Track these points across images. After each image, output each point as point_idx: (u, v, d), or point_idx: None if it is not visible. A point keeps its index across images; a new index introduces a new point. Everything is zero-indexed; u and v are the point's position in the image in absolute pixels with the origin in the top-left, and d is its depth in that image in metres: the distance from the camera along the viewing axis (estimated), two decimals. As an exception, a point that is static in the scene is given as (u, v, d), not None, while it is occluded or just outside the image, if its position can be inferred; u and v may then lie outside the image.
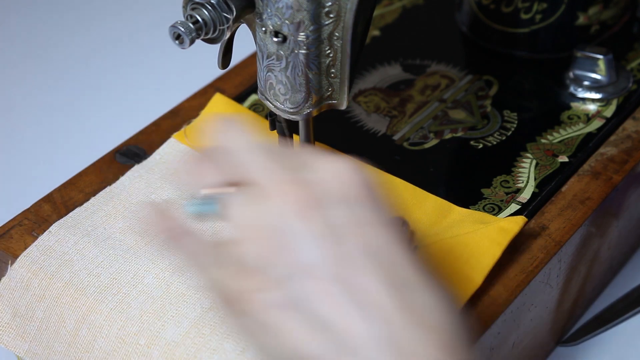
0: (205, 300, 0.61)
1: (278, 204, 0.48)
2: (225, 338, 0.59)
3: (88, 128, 0.95)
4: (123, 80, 1.01)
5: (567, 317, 0.74)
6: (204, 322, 0.60)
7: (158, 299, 0.62)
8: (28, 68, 1.04)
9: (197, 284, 0.62)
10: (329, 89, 0.63)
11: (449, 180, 0.72)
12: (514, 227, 0.65)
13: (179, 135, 0.74)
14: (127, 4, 1.13)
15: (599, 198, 0.69)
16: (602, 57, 0.77)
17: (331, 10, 0.59)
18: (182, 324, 0.60)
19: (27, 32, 1.09)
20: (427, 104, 0.77)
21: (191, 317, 0.60)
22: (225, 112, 0.75)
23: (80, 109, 0.98)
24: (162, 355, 0.59)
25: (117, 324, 0.61)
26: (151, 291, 0.62)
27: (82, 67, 1.03)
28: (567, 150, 0.73)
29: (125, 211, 0.68)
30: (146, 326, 0.60)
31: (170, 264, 0.64)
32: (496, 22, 0.82)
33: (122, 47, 1.06)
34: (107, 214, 0.68)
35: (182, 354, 0.59)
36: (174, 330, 0.60)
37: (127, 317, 0.61)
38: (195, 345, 0.59)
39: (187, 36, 0.60)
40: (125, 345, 0.60)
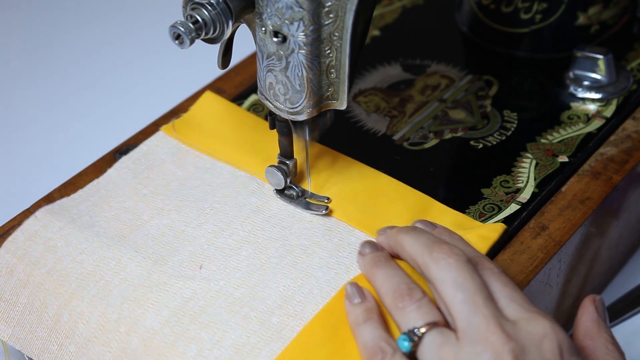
0: (186, 290, 0.62)
1: (477, 351, 0.53)
2: (203, 328, 0.60)
3: (88, 128, 0.95)
4: (123, 80, 1.01)
5: (567, 317, 0.74)
6: (184, 311, 0.61)
7: (139, 287, 0.62)
8: (28, 67, 1.04)
9: (178, 274, 0.63)
10: (329, 89, 0.63)
11: (449, 180, 0.72)
12: (493, 235, 0.65)
13: (167, 128, 0.74)
14: (127, 4, 1.13)
15: (599, 198, 0.69)
16: (602, 57, 0.77)
17: (331, 10, 0.59)
18: (162, 313, 0.61)
19: (27, 32, 1.09)
20: (427, 104, 0.77)
21: (171, 306, 0.61)
22: (215, 109, 0.75)
23: (80, 108, 0.98)
24: (141, 342, 0.60)
25: (98, 311, 0.61)
26: (133, 279, 0.63)
27: (81, 67, 1.03)
28: (567, 150, 0.73)
29: (112, 201, 0.69)
30: (126, 314, 0.61)
31: (154, 252, 0.65)
32: (496, 22, 0.82)
33: (122, 47, 1.06)
34: (94, 203, 0.68)
35: (161, 342, 0.59)
36: (153, 318, 0.60)
37: (108, 304, 0.61)
38: (173, 334, 0.59)
39: (187, 36, 0.60)
40: (105, 332, 0.61)
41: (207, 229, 0.66)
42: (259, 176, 0.70)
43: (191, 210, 0.67)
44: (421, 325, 0.55)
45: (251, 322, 0.60)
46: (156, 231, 0.66)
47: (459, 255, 0.57)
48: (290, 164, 0.67)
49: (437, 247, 0.58)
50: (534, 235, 0.67)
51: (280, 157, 0.68)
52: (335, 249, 0.65)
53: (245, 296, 0.61)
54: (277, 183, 0.67)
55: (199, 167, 0.71)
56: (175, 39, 0.61)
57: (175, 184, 0.70)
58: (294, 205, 0.68)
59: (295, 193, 0.68)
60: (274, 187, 0.68)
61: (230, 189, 0.69)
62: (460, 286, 0.55)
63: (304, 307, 0.61)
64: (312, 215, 0.67)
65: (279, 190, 0.68)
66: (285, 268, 0.63)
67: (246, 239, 0.66)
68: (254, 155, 0.71)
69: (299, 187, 0.68)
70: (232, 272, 0.63)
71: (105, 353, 0.60)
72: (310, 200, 0.68)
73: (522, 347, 0.53)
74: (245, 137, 0.73)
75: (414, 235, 0.60)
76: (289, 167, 0.67)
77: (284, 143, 0.67)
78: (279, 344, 0.58)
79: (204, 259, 0.64)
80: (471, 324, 0.54)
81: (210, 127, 0.74)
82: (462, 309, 0.55)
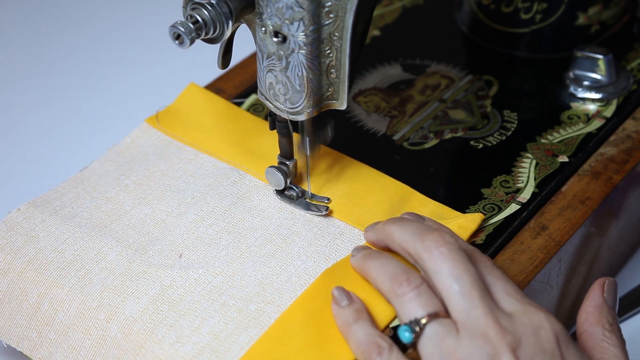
0: (166, 278, 0.62)
1: (477, 345, 0.54)
2: (182, 315, 0.60)
3: (87, 128, 0.95)
4: (123, 80, 1.01)
5: (567, 317, 0.74)
6: (163, 299, 0.61)
7: (119, 275, 0.63)
8: (28, 68, 1.04)
9: (158, 262, 0.64)
10: (329, 89, 0.63)
11: (449, 180, 0.72)
12: (472, 225, 0.65)
13: (151, 119, 0.75)
14: (127, 4, 1.12)
15: (599, 198, 0.69)
16: (602, 57, 0.77)
17: (331, 10, 0.59)
18: (142, 300, 0.61)
19: (27, 32, 1.09)
20: (427, 104, 0.77)
21: (150, 293, 0.62)
22: (198, 100, 0.76)
23: (79, 108, 0.98)
24: (120, 330, 0.60)
25: (78, 299, 0.62)
26: (113, 268, 0.63)
27: (81, 67, 1.03)
28: (567, 150, 0.73)
29: (94, 192, 0.69)
30: (106, 301, 0.62)
31: (134, 242, 0.65)
32: (496, 22, 0.82)
33: (122, 47, 1.06)
34: (77, 195, 0.69)
35: (140, 329, 0.60)
36: (133, 306, 0.61)
37: (88, 293, 0.62)
38: (152, 321, 0.60)
39: (187, 36, 0.60)
40: (85, 320, 0.61)
41: (187, 218, 0.67)
42: (241, 167, 0.70)
43: (172, 200, 0.68)
44: (422, 316, 0.55)
45: (229, 310, 0.60)
46: (137, 220, 0.67)
47: (452, 244, 0.57)
48: (290, 165, 0.67)
49: (428, 236, 0.58)
50: (534, 235, 0.67)
51: (280, 158, 0.68)
52: (314, 238, 0.65)
53: (224, 284, 0.62)
54: (277, 184, 0.67)
55: (182, 158, 0.72)
56: (176, 39, 0.61)
57: (158, 175, 0.70)
58: (294, 206, 0.68)
59: (295, 194, 0.68)
60: (274, 188, 0.68)
61: (212, 179, 0.70)
62: (456, 278, 0.56)
63: (281, 294, 0.61)
64: (293, 206, 0.68)
65: (279, 190, 0.68)
66: (264, 257, 0.64)
67: (226, 229, 0.66)
68: (237, 147, 0.72)
69: (299, 187, 0.68)
70: (211, 261, 0.64)
71: (85, 340, 0.61)
72: (310, 201, 0.68)
73: (518, 340, 0.54)
74: (228, 129, 0.74)
75: (403, 224, 0.60)
76: (289, 167, 0.67)
77: (284, 144, 0.67)
78: (257, 330, 0.59)
79: (184, 248, 0.65)
80: (469, 318, 0.55)
81: (193, 118, 0.75)
82: (459, 302, 0.55)
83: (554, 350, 0.54)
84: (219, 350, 0.58)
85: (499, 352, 0.53)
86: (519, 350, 0.54)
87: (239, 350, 0.58)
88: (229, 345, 0.58)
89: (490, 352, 0.54)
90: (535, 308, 0.56)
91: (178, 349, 0.58)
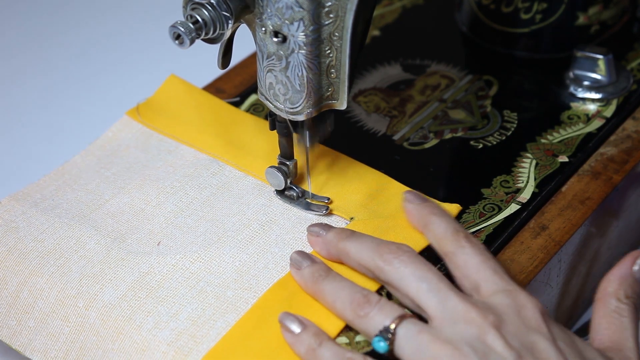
0: (143, 265, 0.63)
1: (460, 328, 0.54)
2: (160, 301, 0.61)
3: (87, 127, 0.95)
4: (123, 80, 1.01)
5: (567, 317, 0.74)
6: (141, 285, 0.62)
7: (98, 263, 0.64)
8: (29, 67, 1.04)
9: (136, 250, 0.64)
10: (329, 89, 0.63)
11: (449, 180, 0.72)
12: (452, 212, 0.66)
13: (132, 112, 0.75)
14: (127, 3, 1.12)
15: (599, 198, 0.69)
16: (602, 57, 0.77)
17: (331, 10, 0.59)
18: (120, 287, 0.62)
19: (27, 32, 1.09)
20: (427, 104, 0.77)
21: (129, 280, 0.62)
22: (179, 92, 0.76)
23: (79, 108, 0.98)
24: (99, 316, 0.61)
25: (57, 287, 0.63)
26: (92, 256, 0.64)
27: (81, 66, 1.03)
28: (567, 150, 0.73)
29: (75, 185, 0.70)
30: (85, 289, 0.62)
31: (113, 230, 0.66)
32: (496, 22, 0.82)
33: (122, 47, 1.06)
34: (57, 187, 0.70)
35: (118, 315, 0.61)
36: (111, 293, 0.62)
37: (67, 281, 0.63)
38: (130, 308, 0.61)
39: (187, 36, 0.60)
40: (64, 307, 0.62)
41: (167, 208, 0.68)
42: (221, 158, 0.71)
43: (151, 189, 0.69)
44: (390, 322, 0.55)
45: (207, 296, 0.61)
46: (116, 209, 0.68)
47: (409, 252, 0.58)
48: (290, 165, 0.67)
49: (385, 249, 0.58)
50: (534, 235, 0.67)
51: (281, 158, 0.68)
52: (292, 227, 0.66)
53: (201, 270, 0.63)
54: (277, 184, 0.67)
55: (162, 149, 0.72)
56: (176, 39, 0.61)
57: (138, 166, 0.71)
58: (294, 206, 0.68)
59: (295, 194, 0.68)
60: (275, 188, 0.68)
61: (192, 169, 0.70)
62: (421, 277, 0.56)
63: (258, 281, 0.62)
64: (271, 193, 0.68)
65: (279, 191, 0.68)
66: (241, 242, 0.64)
67: (204, 217, 0.67)
68: (217, 138, 0.72)
69: (299, 187, 0.68)
70: (189, 247, 0.64)
71: (64, 327, 0.62)
72: (310, 201, 0.68)
73: (500, 318, 0.54)
74: (208, 120, 0.74)
75: (357, 241, 0.60)
76: (289, 168, 0.67)
77: (284, 144, 0.67)
78: (234, 315, 0.60)
79: (162, 237, 0.66)
80: (446, 309, 0.55)
81: (173, 110, 0.75)
82: (431, 297, 0.55)
83: (540, 325, 0.55)
84: (196, 336, 0.59)
85: (484, 332, 0.53)
86: (503, 328, 0.54)
87: (216, 335, 0.59)
88: (207, 331, 0.59)
89: (474, 333, 0.53)
90: (518, 290, 0.56)
91: (156, 334, 0.59)
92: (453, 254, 0.59)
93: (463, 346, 0.53)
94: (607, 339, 0.57)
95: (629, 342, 0.56)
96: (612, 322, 0.57)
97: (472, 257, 0.58)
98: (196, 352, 0.58)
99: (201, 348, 0.58)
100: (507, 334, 0.53)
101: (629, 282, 0.59)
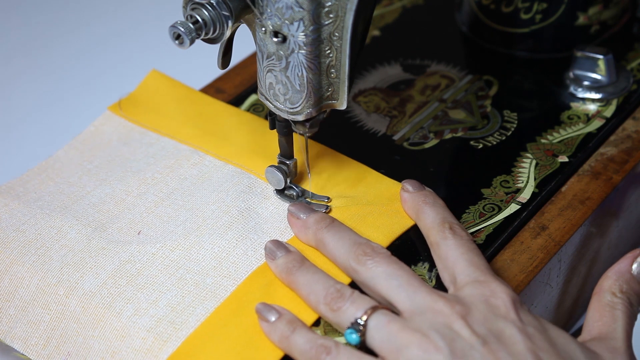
0: (124, 254, 0.64)
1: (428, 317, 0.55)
2: (140, 289, 0.62)
3: (85, 126, 0.95)
4: (123, 80, 1.01)
5: (567, 317, 0.74)
6: (121, 273, 0.63)
7: (78, 252, 0.64)
8: (28, 67, 1.04)
9: (117, 239, 0.65)
10: (329, 89, 0.63)
11: (449, 180, 0.72)
12: None
13: (114, 107, 0.76)
14: (127, 3, 1.13)
15: (599, 198, 0.69)
16: (602, 57, 0.77)
17: (331, 10, 0.59)
18: (100, 276, 0.63)
19: (27, 32, 1.09)
20: (427, 104, 0.77)
21: (109, 269, 0.63)
22: (160, 87, 0.77)
23: (79, 108, 0.98)
24: (79, 304, 0.62)
25: (38, 276, 0.63)
26: (73, 245, 0.65)
27: (80, 66, 1.03)
28: (567, 150, 0.73)
29: (57, 178, 0.70)
30: (65, 277, 0.63)
31: (94, 220, 0.66)
32: (496, 22, 0.82)
33: (122, 47, 1.06)
34: (40, 181, 0.70)
35: (99, 303, 0.61)
36: (91, 281, 0.62)
37: (47, 269, 0.63)
38: (111, 295, 0.62)
39: (187, 36, 0.60)
40: (45, 295, 0.63)
41: (147, 198, 0.68)
42: (201, 149, 0.71)
43: (133, 180, 0.69)
44: (362, 313, 0.56)
45: (186, 283, 0.62)
46: (97, 200, 0.68)
47: (383, 253, 0.59)
48: (290, 164, 0.67)
49: (360, 251, 0.59)
50: (534, 235, 0.67)
51: (280, 158, 0.68)
52: (270, 216, 0.66)
53: (181, 258, 0.63)
54: (277, 183, 0.67)
55: (144, 142, 0.73)
56: (176, 39, 0.61)
57: (120, 159, 0.72)
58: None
59: (295, 193, 0.68)
60: (274, 187, 0.68)
61: (173, 160, 0.71)
62: (392, 275, 0.58)
63: (237, 267, 0.63)
64: (250, 181, 0.69)
65: (279, 190, 0.68)
66: (220, 229, 0.65)
67: (184, 207, 0.67)
68: (197, 129, 0.73)
69: (299, 187, 0.68)
70: (169, 235, 0.65)
71: (44, 315, 0.62)
72: (310, 200, 0.68)
73: (467, 308, 0.55)
74: (189, 113, 0.75)
75: (336, 235, 0.61)
76: (289, 167, 0.67)
77: (283, 143, 0.67)
78: (213, 302, 0.61)
79: (142, 226, 0.66)
80: (414, 302, 0.56)
81: (155, 104, 0.76)
82: (400, 292, 0.57)
83: (508, 312, 0.56)
84: (175, 322, 0.60)
85: (451, 321, 0.55)
86: (470, 317, 0.55)
87: (195, 322, 0.60)
88: (186, 317, 0.60)
89: (442, 322, 0.55)
90: (492, 280, 0.57)
91: (136, 321, 0.60)
92: (437, 245, 0.61)
93: (431, 333, 0.54)
94: (596, 331, 0.58)
95: (617, 332, 0.57)
96: (604, 315, 0.58)
97: (453, 249, 0.59)
98: (175, 338, 0.59)
99: (180, 334, 0.59)
100: (474, 322, 0.55)
101: (625, 278, 0.60)
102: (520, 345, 0.54)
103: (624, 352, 0.56)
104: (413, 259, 0.63)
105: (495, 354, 0.53)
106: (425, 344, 0.54)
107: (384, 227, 0.65)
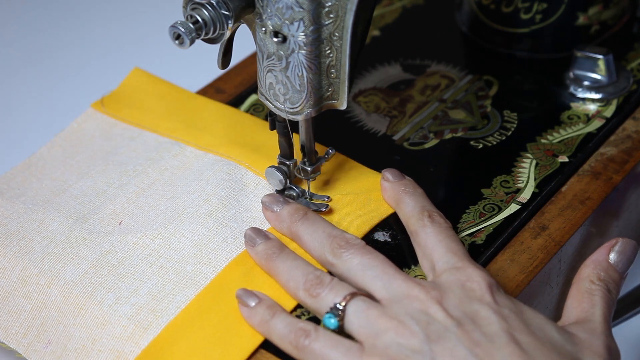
0: (105, 244, 0.64)
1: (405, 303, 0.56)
2: (121, 278, 0.62)
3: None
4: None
5: (567, 317, 0.74)
6: (102, 263, 0.63)
7: (60, 243, 0.65)
8: (28, 68, 1.04)
9: (99, 230, 0.65)
10: (329, 89, 0.63)
11: (449, 180, 0.72)
12: None
13: (97, 104, 0.77)
14: (127, 3, 1.13)
15: (599, 198, 0.69)
16: (602, 57, 0.77)
17: (331, 10, 0.59)
18: (82, 266, 0.63)
19: (27, 33, 1.09)
20: (427, 104, 0.77)
21: (90, 259, 0.64)
22: (142, 83, 0.78)
23: (79, 108, 0.98)
24: (61, 294, 0.62)
25: (20, 266, 0.64)
26: (54, 236, 0.65)
27: (80, 66, 1.03)
28: (567, 150, 0.73)
29: (40, 174, 0.71)
30: (47, 267, 0.63)
31: (75, 211, 0.67)
32: (496, 22, 0.82)
33: (122, 47, 1.06)
34: (24, 178, 0.71)
35: (80, 292, 0.62)
36: (73, 271, 0.63)
37: (29, 260, 0.64)
38: (92, 284, 0.62)
39: (187, 36, 0.60)
40: (26, 285, 0.63)
41: (129, 189, 0.69)
42: (183, 140, 0.72)
43: (114, 172, 0.70)
44: (341, 299, 0.57)
45: (167, 272, 0.62)
46: (79, 192, 0.69)
47: (357, 244, 0.60)
48: (290, 165, 0.67)
49: (335, 243, 0.60)
50: (534, 235, 0.67)
51: (280, 158, 0.68)
52: (250, 204, 0.67)
53: (161, 247, 0.64)
54: (277, 184, 0.67)
55: (126, 137, 0.74)
56: (176, 39, 0.61)
57: (102, 153, 0.72)
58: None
59: (295, 193, 0.68)
60: (274, 188, 0.68)
61: (154, 153, 0.71)
62: (367, 265, 0.58)
63: (217, 255, 0.63)
64: (230, 169, 0.69)
65: (279, 190, 0.68)
66: (200, 217, 0.65)
67: (165, 196, 0.68)
68: (178, 122, 0.74)
69: (299, 187, 0.68)
70: (149, 225, 0.65)
71: (25, 304, 0.63)
72: (310, 200, 0.68)
73: (443, 292, 0.56)
74: (170, 107, 0.75)
75: (310, 228, 0.62)
76: (289, 167, 0.67)
77: (283, 144, 0.67)
78: (193, 290, 0.61)
79: (123, 217, 0.67)
80: (391, 289, 0.57)
81: (137, 100, 0.77)
82: (377, 282, 0.58)
83: (484, 295, 0.56)
84: (156, 310, 0.60)
85: (427, 306, 0.55)
86: (445, 302, 0.56)
87: (175, 309, 0.60)
88: (167, 305, 0.60)
89: (418, 307, 0.56)
90: (470, 266, 0.58)
91: (117, 309, 0.60)
92: (416, 233, 0.61)
93: (407, 319, 0.55)
94: (574, 316, 0.58)
95: (595, 316, 0.58)
96: (583, 301, 0.59)
97: (431, 237, 0.60)
98: (156, 325, 0.59)
99: (161, 321, 0.60)
100: (449, 306, 0.56)
101: (602, 267, 0.60)
102: (496, 326, 0.55)
103: (601, 332, 0.57)
104: (413, 259, 0.63)
105: (470, 335, 0.54)
106: (402, 329, 0.55)
107: (363, 214, 0.66)
